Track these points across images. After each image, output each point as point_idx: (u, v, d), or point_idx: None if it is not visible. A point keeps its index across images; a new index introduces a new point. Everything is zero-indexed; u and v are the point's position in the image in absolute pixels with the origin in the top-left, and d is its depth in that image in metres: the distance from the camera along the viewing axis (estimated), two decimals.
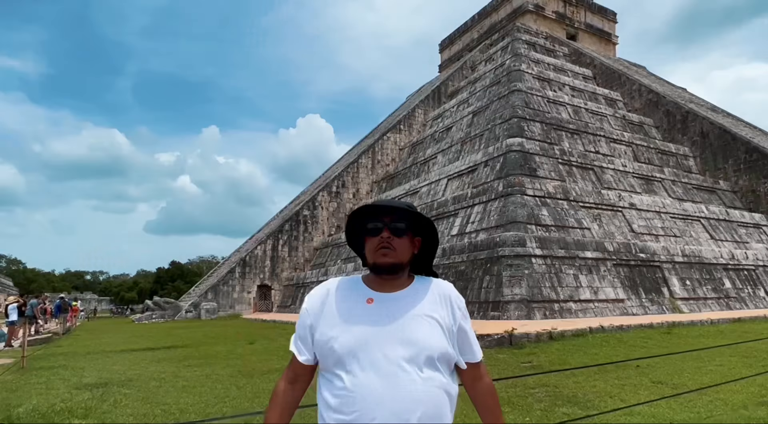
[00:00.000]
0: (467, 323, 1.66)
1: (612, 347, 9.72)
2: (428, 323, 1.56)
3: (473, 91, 34.32)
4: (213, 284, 33.01)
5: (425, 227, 1.73)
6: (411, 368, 1.48)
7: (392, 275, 1.65)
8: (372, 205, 1.68)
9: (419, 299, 1.62)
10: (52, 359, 11.76)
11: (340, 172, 37.41)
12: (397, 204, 1.68)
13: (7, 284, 67.10)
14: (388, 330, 1.53)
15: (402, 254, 1.64)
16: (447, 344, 1.57)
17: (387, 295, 1.62)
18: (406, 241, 1.66)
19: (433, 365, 1.52)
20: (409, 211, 1.68)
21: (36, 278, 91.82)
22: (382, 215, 1.66)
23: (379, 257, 1.63)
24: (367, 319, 1.55)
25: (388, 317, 1.56)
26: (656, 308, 16.70)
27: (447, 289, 1.69)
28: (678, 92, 37.16)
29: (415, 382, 1.47)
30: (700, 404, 5.40)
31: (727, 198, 26.76)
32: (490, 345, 10.09)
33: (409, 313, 1.57)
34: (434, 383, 1.50)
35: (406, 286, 1.66)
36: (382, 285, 1.64)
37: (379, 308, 1.58)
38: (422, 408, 1.45)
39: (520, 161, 20.35)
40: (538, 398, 5.92)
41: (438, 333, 1.56)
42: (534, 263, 15.62)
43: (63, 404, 6.53)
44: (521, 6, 41.97)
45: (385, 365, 1.48)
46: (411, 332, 1.53)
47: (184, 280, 69.59)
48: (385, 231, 1.64)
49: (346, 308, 1.59)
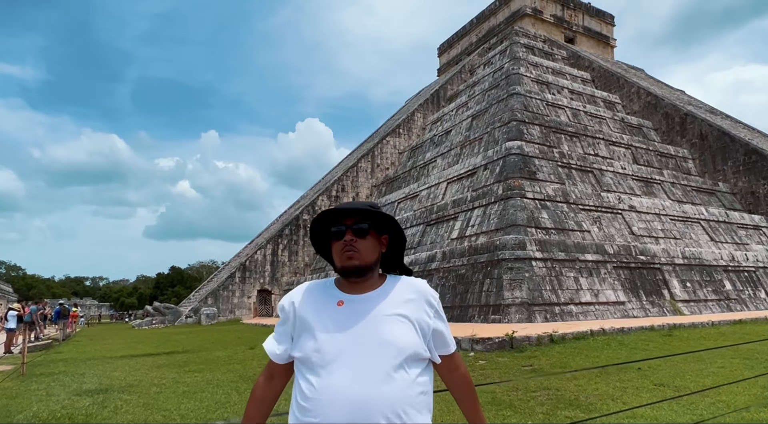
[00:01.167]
0: (441, 319, 1.67)
1: (613, 349, 9.71)
2: (399, 322, 1.56)
3: (472, 94, 34.40)
4: (213, 289, 32.98)
5: (389, 225, 1.73)
6: (382, 369, 1.48)
7: (360, 277, 1.65)
8: (332, 210, 1.69)
9: (390, 298, 1.62)
10: (52, 365, 11.73)
11: (340, 176, 37.45)
12: (358, 205, 1.69)
13: (6, 290, 66.98)
14: (359, 332, 1.54)
15: (367, 255, 1.64)
16: (419, 343, 1.57)
17: (357, 296, 1.62)
18: (370, 241, 1.66)
19: (406, 364, 1.52)
20: (371, 210, 1.68)
21: (36, 284, 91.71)
22: (344, 218, 1.67)
23: (345, 260, 1.63)
24: (337, 321, 1.56)
25: (358, 318, 1.56)
26: (657, 310, 16.68)
27: (419, 285, 1.69)
28: (676, 94, 37.27)
29: (387, 382, 1.47)
30: (703, 406, 5.39)
31: (726, 200, 26.78)
32: (491, 349, 10.07)
33: (380, 313, 1.57)
34: (406, 382, 1.51)
35: (377, 286, 1.66)
36: (352, 287, 1.65)
37: (350, 309, 1.59)
38: (394, 408, 1.46)
39: (519, 164, 20.38)
40: (540, 402, 5.91)
41: (410, 332, 1.56)
42: (534, 266, 15.61)
43: (63, 410, 6.52)
44: (519, 10, 42.13)
45: (356, 366, 1.48)
46: (382, 333, 1.53)
47: (184, 285, 69.57)
48: (348, 233, 1.64)
49: (317, 311, 1.60)
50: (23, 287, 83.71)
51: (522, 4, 42.04)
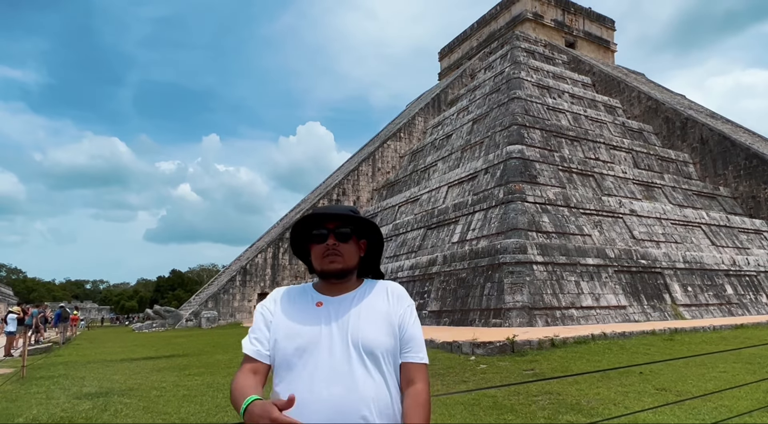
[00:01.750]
0: (414, 323, 1.68)
1: (614, 353, 9.68)
2: (376, 322, 1.60)
3: (473, 98, 34.46)
4: (213, 292, 32.96)
5: (369, 230, 1.76)
6: (359, 368, 1.51)
7: (341, 279, 1.68)
8: (316, 214, 1.71)
9: (368, 300, 1.66)
10: (52, 368, 11.72)
11: (341, 179, 37.47)
12: (340, 210, 1.71)
13: (7, 293, 66.97)
14: (336, 331, 1.56)
15: (349, 259, 1.68)
16: (394, 344, 1.60)
17: (336, 298, 1.66)
18: (352, 245, 1.70)
19: (382, 364, 1.55)
20: (353, 216, 1.71)
21: (36, 287, 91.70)
22: (326, 222, 1.69)
23: (327, 264, 1.66)
24: (315, 321, 1.59)
25: (336, 318, 1.59)
26: (658, 315, 16.65)
27: (395, 288, 1.72)
28: (677, 99, 37.32)
29: (365, 382, 1.50)
30: (705, 411, 5.37)
31: (727, 204, 26.77)
32: (492, 353, 10.05)
33: (358, 313, 1.61)
34: (384, 382, 1.53)
35: (354, 288, 1.70)
36: (330, 289, 1.68)
37: (329, 310, 1.62)
38: (370, 407, 1.48)
39: (520, 168, 20.39)
40: (542, 406, 5.89)
41: (386, 332, 1.59)
42: (535, 270, 15.59)
43: (63, 414, 6.50)
44: (520, 14, 42.26)
45: (334, 365, 1.51)
46: (358, 333, 1.56)
47: (184, 288, 69.56)
48: (331, 237, 1.66)
49: (296, 312, 1.62)
50: (24, 290, 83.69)
51: (523, 9, 42.17)
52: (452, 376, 8.10)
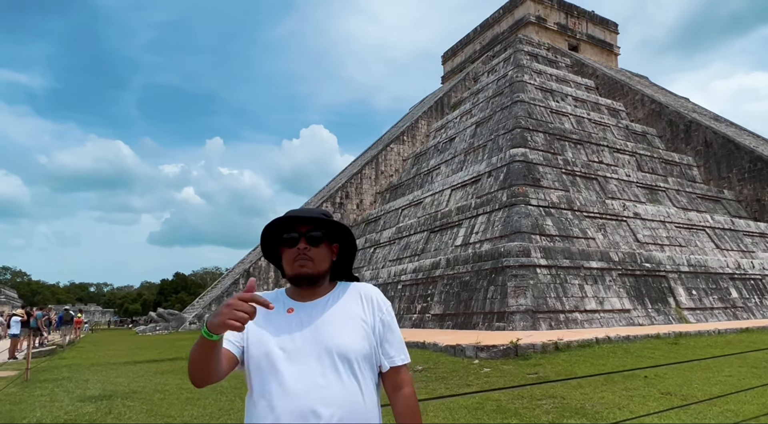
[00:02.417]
0: (391, 325, 1.65)
1: (619, 357, 9.63)
2: (349, 326, 1.57)
3: (476, 102, 34.46)
4: (217, 295, 32.99)
5: (341, 234, 1.74)
6: (332, 374, 1.49)
7: (312, 285, 1.65)
8: (287, 217, 1.68)
9: (340, 303, 1.63)
10: (56, 371, 11.74)
11: (344, 183, 37.50)
12: (312, 213, 1.68)
13: (12, 296, 67.19)
14: (308, 337, 1.54)
15: (320, 264, 1.65)
16: (369, 347, 1.57)
17: (307, 303, 1.63)
18: (323, 249, 1.67)
19: (356, 369, 1.52)
20: (325, 219, 1.68)
21: (41, 290, 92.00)
22: (298, 226, 1.66)
23: (297, 268, 1.63)
24: (286, 328, 1.57)
25: (308, 324, 1.57)
26: (662, 318, 16.56)
27: (370, 291, 1.69)
28: (681, 102, 37.24)
29: (337, 387, 1.48)
30: (710, 416, 5.34)
31: (732, 207, 26.65)
32: (496, 356, 10.01)
33: (330, 318, 1.58)
34: (357, 387, 1.51)
35: (327, 292, 1.67)
36: (302, 295, 1.66)
37: (300, 316, 1.59)
38: (342, 412, 1.46)
39: (523, 171, 20.36)
40: (546, 410, 5.86)
41: (359, 336, 1.56)
42: (539, 273, 15.55)
43: (67, 416, 6.51)
44: (523, 18, 42.28)
45: (306, 371, 1.49)
46: (331, 338, 1.53)
47: (187, 291, 69.65)
48: (302, 241, 1.64)
49: (267, 319, 1.59)
50: (28, 293, 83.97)
51: (526, 12, 42.19)
52: (456, 379, 8.07)
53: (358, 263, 27.29)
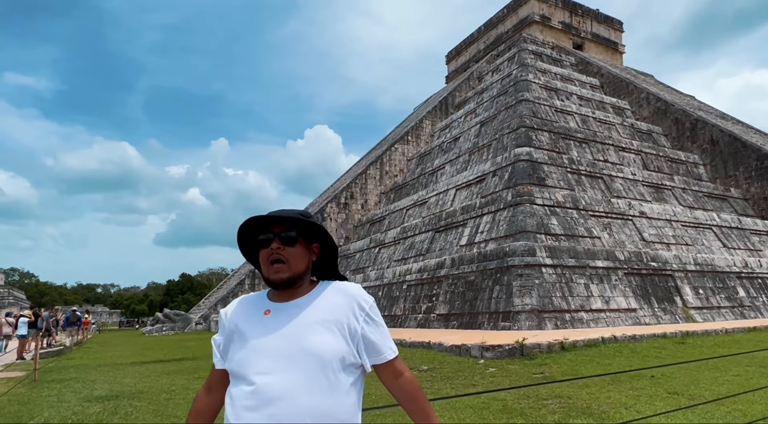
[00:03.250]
0: (374, 324, 1.62)
1: (625, 357, 9.59)
2: (324, 328, 1.54)
3: (480, 101, 34.40)
4: (222, 296, 33.09)
5: (319, 233, 1.72)
6: (307, 377, 1.47)
7: (289, 288, 1.63)
8: (260, 217, 1.67)
9: (318, 304, 1.60)
10: (63, 371, 11.81)
11: (349, 183, 37.52)
12: (287, 213, 1.66)
13: (20, 297, 67.68)
14: (283, 339, 1.52)
15: (296, 265, 1.63)
16: (345, 349, 1.54)
17: (284, 304, 1.61)
18: (299, 249, 1.65)
19: (332, 371, 1.50)
20: (299, 218, 1.66)
21: (48, 291, 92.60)
22: (272, 226, 1.65)
23: (272, 273, 1.61)
24: (262, 330, 1.55)
25: (283, 326, 1.55)
26: (669, 318, 16.47)
27: (351, 290, 1.65)
28: (686, 100, 37.02)
29: (312, 390, 1.45)
30: (718, 415, 5.30)
31: (738, 206, 26.47)
32: (501, 356, 9.99)
33: (305, 320, 1.55)
34: (333, 389, 1.48)
35: (306, 293, 1.65)
36: (280, 296, 1.64)
37: (276, 318, 1.57)
38: (317, 414, 1.44)
39: (528, 170, 20.30)
40: (552, 410, 5.84)
41: (335, 338, 1.53)
42: (544, 273, 15.50)
43: (74, 416, 6.55)
44: (527, 17, 42.18)
45: (281, 375, 1.47)
46: (306, 340, 1.51)
47: (193, 292, 69.90)
48: (275, 241, 1.62)
49: (245, 321, 1.60)
50: (36, 294, 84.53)
51: (530, 11, 42.08)
52: (461, 379, 8.06)
53: (364, 263, 27.32)
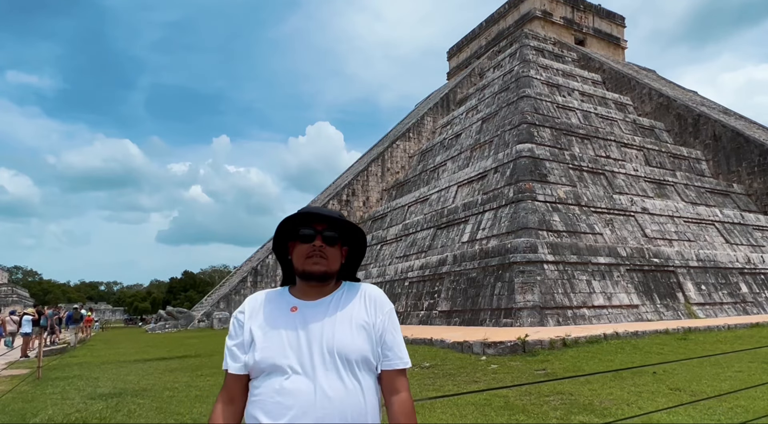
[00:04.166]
0: (393, 328, 1.64)
1: (627, 353, 9.59)
2: (351, 327, 1.56)
3: (482, 97, 34.32)
4: (225, 293, 33.16)
5: (353, 237, 1.74)
6: (332, 375, 1.49)
7: (321, 282, 1.65)
8: (306, 213, 1.68)
9: (343, 304, 1.63)
10: (67, 369, 11.87)
11: (350, 180, 37.51)
12: (330, 213, 1.69)
13: (23, 295, 67.95)
14: (309, 337, 1.54)
15: (333, 263, 1.65)
16: (370, 349, 1.56)
17: (311, 302, 1.62)
18: (336, 250, 1.67)
19: (356, 369, 1.52)
20: (341, 220, 1.69)
21: (52, 289, 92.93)
22: (315, 223, 1.66)
23: (310, 265, 1.62)
24: (289, 327, 1.56)
25: (310, 323, 1.56)
26: (671, 314, 16.46)
27: (373, 292, 1.69)
28: (689, 95, 36.87)
29: (339, 388, 1.48)
30: (720, 411, 5.30)
31: (741, 201, 26.40)
32: (503, 353, 10.00)
33: (332, 318, 1.58)
34: (358, 388, 1.51)
35: (331, 292, 1.67)
36: (307, 293, 1.65)
37: (303, 315, 1.59)
38: (343, 414, 1.46)
39: (530, 167, 20.27)
40: (554, 406, 5.85)
41: (361, 337, 1.56)
42: (546, 269, 15.49)
43: (78, 414, 6.58)
44: (529, 12, 42.01)
45: (306, 372, 1.49)
46: (332, 338, 1.53)
47: (196, 290, 70.02)
48: (318, 239, 1.64)
49: (271, 318, 1.60)
50: (39, 292, 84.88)
51: (531, 7, 41.92)
52: (463, 376, 8.07)
53: (365, 260, 27.33)
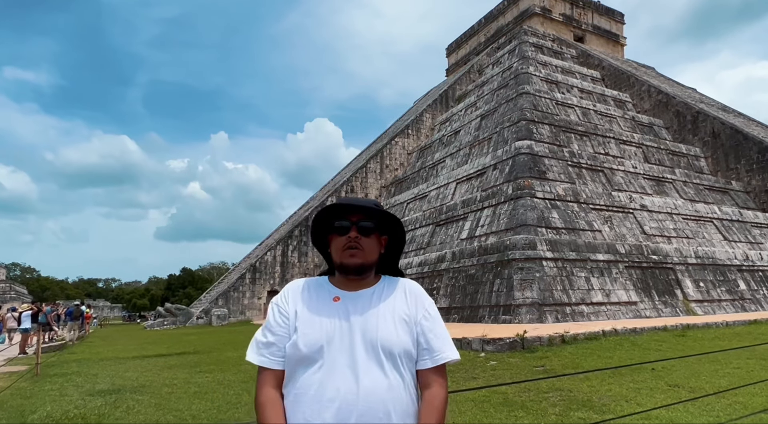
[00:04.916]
0: (435, 323, 1.62)
1: (626, 350, 9.61)
2: (393, 320, 1.55)
3: (481, 94, 34.28)
4: (223, 290, 33.15)
5: (392, 226, 1.71)
6: (376, 367, 1.48)
7: (359, 275, 1.63)
8: (340, 204, 1.66)
9: (385, 296, 1.61)
10: (65, 365, 11.85)
11: (349, 177, 37.48)
12: (365, 203, 1.66)
13: (21, 292, 67.91)
14: (353, 328, 1.52)
15: (369, 254, 1.63)
16: (411, 343, 1.55)
17: (353, 293, 1.61)
18: (373, 240, 1.65)
19: (398, 363, 1.51)
20: (377, 209, 1.66)
21: (50, 285, 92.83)
22: (350, 214, 1.64)
23: (347, 257, 1.60)
24: (333, 316, 1.55)
25: (353, 314, 1.55)
26: (670, 311, 16.50)
27: (414, 288, 1.67)
28: (688, 93, 36.87)
29: (381, 381, 1.47)
30: (719, 408, 5.31)
31: (740, 199, 26.43)
32: (502, 349, 10.01)
33: (375, 311, 1.56)
34: (400, 382, 1.50)
35: (372, 285, 1.65)
36: (348, 284, 1.64)
37: (346, 305, 1.58)
38: (387, 408, 1.45)
39: (529, 164, 20.26)
40: (553, 403, 5.85)
41: (402, 331, 1.55)
42: (545, 266, 15.51)
43: (76, 410, 6.57)
44: (528, 9, 41.94)
45: (350, 363, 1.47)
46: (375, 330, 1.52)
47: (194, 286, 69.96)
48: (353, 230, 1.61)
49: (314, 306, 1.58)
50: (38, 289, 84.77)
51: (531, 4, 41.83)
52: (462, 373, 8.08)
53: None
